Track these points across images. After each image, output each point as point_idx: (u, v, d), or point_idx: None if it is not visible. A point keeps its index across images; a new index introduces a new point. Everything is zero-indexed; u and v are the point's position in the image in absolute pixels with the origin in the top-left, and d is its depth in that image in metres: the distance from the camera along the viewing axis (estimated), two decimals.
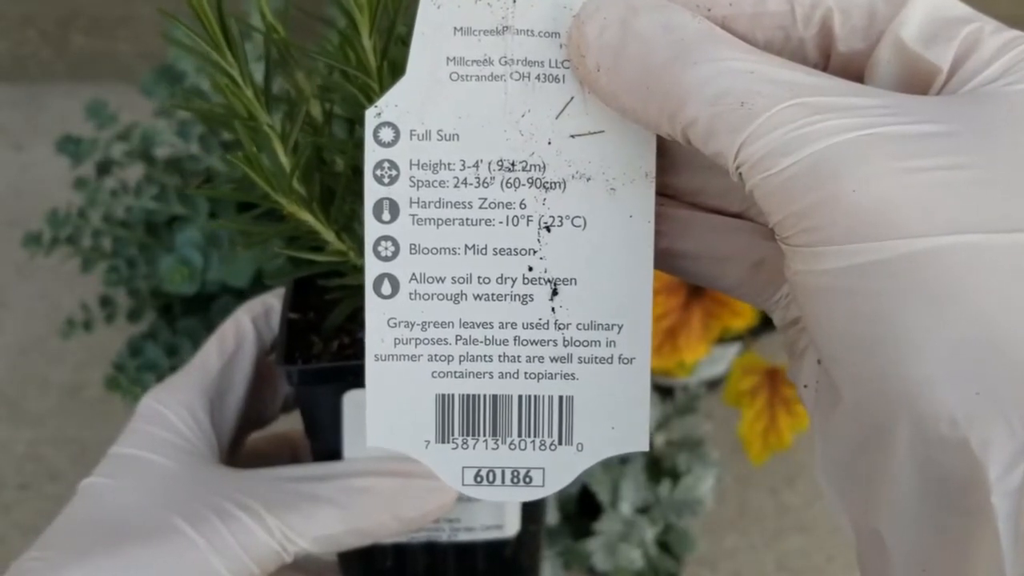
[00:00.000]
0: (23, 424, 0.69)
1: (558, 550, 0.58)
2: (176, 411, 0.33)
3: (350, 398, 0.32)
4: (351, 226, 0.31)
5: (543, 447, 0.24)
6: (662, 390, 0.67)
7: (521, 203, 0.23)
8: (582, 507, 0.59)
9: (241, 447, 0.37)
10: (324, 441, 0.33)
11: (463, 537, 0.35)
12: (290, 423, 0.38)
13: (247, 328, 0.35)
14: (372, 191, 0.23)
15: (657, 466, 0.61)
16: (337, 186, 0.31)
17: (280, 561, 0.30)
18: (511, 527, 0.36)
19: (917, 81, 0.20)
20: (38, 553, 0.29)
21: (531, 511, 0.36)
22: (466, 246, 0.23)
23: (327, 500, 0.30)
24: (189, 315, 0.60)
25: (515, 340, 0.24)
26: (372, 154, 0.23)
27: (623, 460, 0.59)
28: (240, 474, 0.32)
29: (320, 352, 0.33)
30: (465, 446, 0.24)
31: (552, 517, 0.57)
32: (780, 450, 0.60)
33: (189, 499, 0.30)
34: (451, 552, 0.36)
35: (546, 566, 0.57)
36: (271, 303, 0.36)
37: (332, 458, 0.33)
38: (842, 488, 0.21)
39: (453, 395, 0.24)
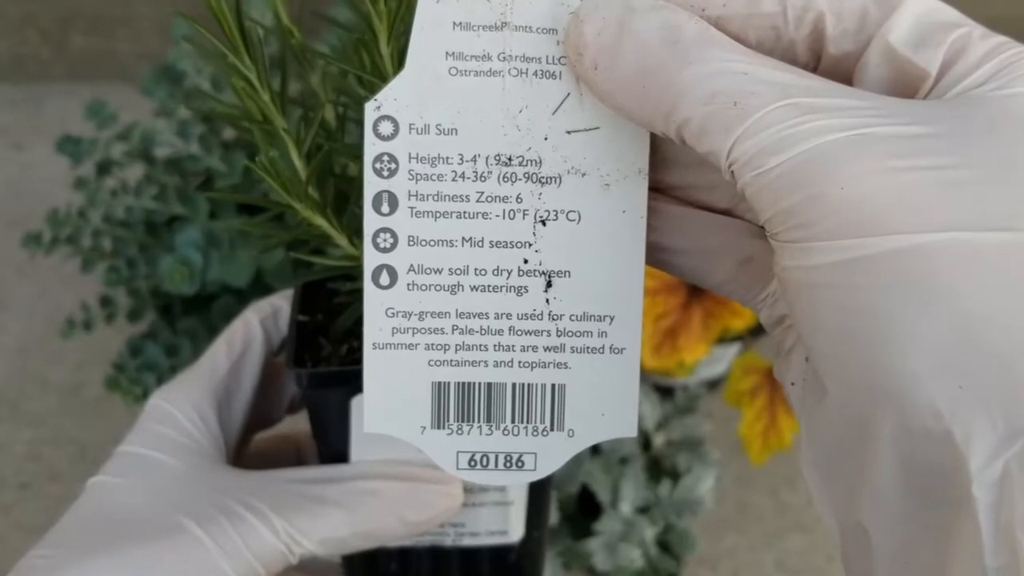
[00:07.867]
0: (23, 424, 0.69)
1: (558, 550, 0.58)
2: (184, 411, 0.33)
3: (358, 402, 0.32)
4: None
5: (535, 433, 0.25)
6: (662, 390, 0.67)
7: (517, 197, 0.24)
8: (582, 507, 0.59)
9: (247, 447, 0.37)
10: (331, 444, 0.33)
11: (468, 542, 0.36)
12: (292, 423, 0.38)
13: (255, 329, 0.35)
14: (371, 184, 0.24)
15: (657, 466, 0.61)
16: (350, 191, 0.31)
17: (286, 562, 0.30)
18: (515, 532, 0.36)
19: (905, 84, 0.21)
20: (44, 551, 0.29)
21: (535, 517, 0.36)
22: (463, 238, 0.24)
23: (333, 502, 0.31)
24: (189, 315, 0.60)
25: (510, 330, 0.24)
26: (372, 147, 0.23)
27: (623, 460, 0.59)
28: (247, 475, 0.32)
29: (329, 355, 0.33)
30: (460, 432, 0.25)
31: (552, 517, 0.57)
32: (780, 450, 0.60)
33: (196, 499, 0.30)
34: (456, 557, 0.36)
35: (546, 566, 0.57)
36: (279, 304, 0.36)
37: (339, 461, 0.33)
38: (827, 482, 0.21)
39: (449, 383, 0.25)
